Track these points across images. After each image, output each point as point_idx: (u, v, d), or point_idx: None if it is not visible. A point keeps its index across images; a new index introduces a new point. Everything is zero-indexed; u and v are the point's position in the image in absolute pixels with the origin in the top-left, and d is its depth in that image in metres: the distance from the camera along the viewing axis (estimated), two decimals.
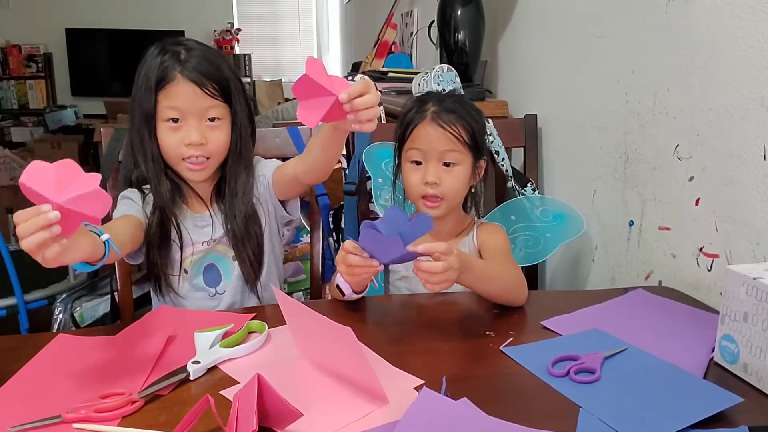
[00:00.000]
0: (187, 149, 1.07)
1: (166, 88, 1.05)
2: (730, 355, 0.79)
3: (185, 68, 1.05)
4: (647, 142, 1.20)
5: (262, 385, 0.64)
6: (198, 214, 1.17)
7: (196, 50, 1.08)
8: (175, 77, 1.05)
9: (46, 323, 1.51)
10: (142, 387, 0.75)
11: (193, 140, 1.06)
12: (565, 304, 1.00)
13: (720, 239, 1.02)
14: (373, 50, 3.14)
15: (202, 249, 1.17)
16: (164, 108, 1.06)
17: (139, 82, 1.08)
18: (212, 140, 1.09)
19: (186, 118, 1.07)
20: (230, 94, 1.10)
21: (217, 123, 1.09)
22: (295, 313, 0.83)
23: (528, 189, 1.51)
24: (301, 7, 7.16)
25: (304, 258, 1.89)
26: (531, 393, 0.76)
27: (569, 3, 1.48)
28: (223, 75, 1.09)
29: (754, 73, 0.94)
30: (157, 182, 1.12)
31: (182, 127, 1.07)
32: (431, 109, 1.11)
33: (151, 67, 1.07)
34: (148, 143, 1.10)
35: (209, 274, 1.18)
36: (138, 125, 1.09)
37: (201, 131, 1.07)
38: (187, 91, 1.05)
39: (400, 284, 1.20)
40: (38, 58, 6.55)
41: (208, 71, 1.07)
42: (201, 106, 1.07)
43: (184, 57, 1.06)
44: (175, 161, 1.10)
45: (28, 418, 0.69)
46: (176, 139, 1.07)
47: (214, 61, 1.09)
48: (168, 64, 1.06)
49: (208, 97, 1.07)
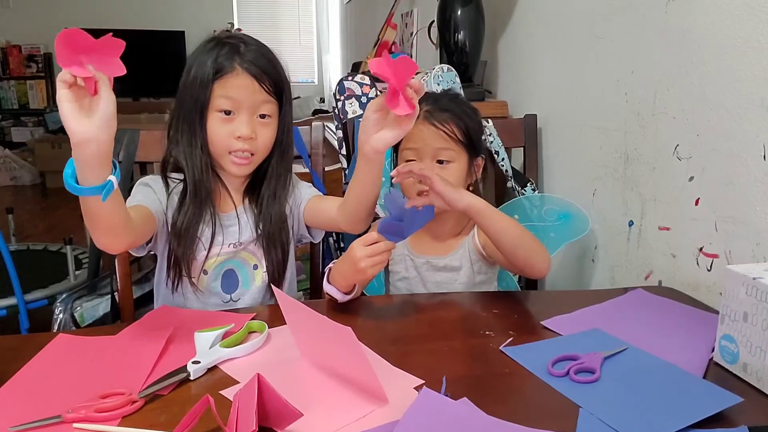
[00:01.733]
0: (236, 142, 1.06)
1: (224, 78, 1.05)
2: (729, 355, 0.79)
3: (244, 60, 1.05)
4: (647, 142, 1.20)
5: (263, 385, 0.64)
6: (224, 213, 1.15)
7: (254, 45, 1.08)
8: (234, 68, 1.05)
9: (46, 323, 1.51)
10: (142, 387, 0.75)
11: (244, 133, 1.06)
12: (565, 304, 1.00)
13: (720, 239, 1.02)
14: (373, 50, 3.14)
15: (228, 251, 1.14)
16: (219, 98, 1.05)
17: (192, 71, 1.07)
18: (261, 136, 1.08)
19: (239, 111, 1.06)
20: (282, 93, 1.11)
21: (267, 120, 1.09)
22: (295, 313, 0.83)
23: (528, 189, 1.51)
24: (301, 7, 7.16)
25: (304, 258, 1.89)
26: (531, 393, 0.76)
27: (569, 3, 1.48)
28: (278, 73, 1.10)
29: (754, 73, 0.94)
30: (203, 172, 1.09)
31: (234, 120, 1.07)
32: (425, 109, 1.12)
33: (207, 57, 1.06)
34: (198, 133, 1.08)
35: (228, 279, 1.16)
36: (188, 114, 1.08)
37: (252, 125, 1.07)
38: (244, 83, 1.05)
39: (400, 285, 1.20)
40: (38, 58, 6.55)
41: (266, 67, 1.07)
42: (255, 100, 1.07)
43: (244, 50, 1.06)
44: (221, 152, 1.09)
45: (28, 418, 0.69)
46: (227, 131, 1.07)
47: (272, 58, 1.10)
48: (227, 55, 1.05)
49: (263, 92, 1.07)
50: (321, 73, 7.22)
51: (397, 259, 1.20)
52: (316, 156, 1.41)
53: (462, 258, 1.17)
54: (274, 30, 7.18)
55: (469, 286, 1.17)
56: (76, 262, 2.42)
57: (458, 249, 1.18)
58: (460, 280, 1.17)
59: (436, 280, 1.18)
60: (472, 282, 1.18)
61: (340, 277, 1.00)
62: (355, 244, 0.96)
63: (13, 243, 3.02)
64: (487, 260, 1.18)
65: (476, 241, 1.17)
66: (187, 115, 1.08)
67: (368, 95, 1.65)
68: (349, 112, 1.62)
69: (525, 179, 1.53)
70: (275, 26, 7.18)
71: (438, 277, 1.18)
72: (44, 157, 5.66)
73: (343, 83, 1.65)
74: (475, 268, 1.18)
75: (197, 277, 1.13)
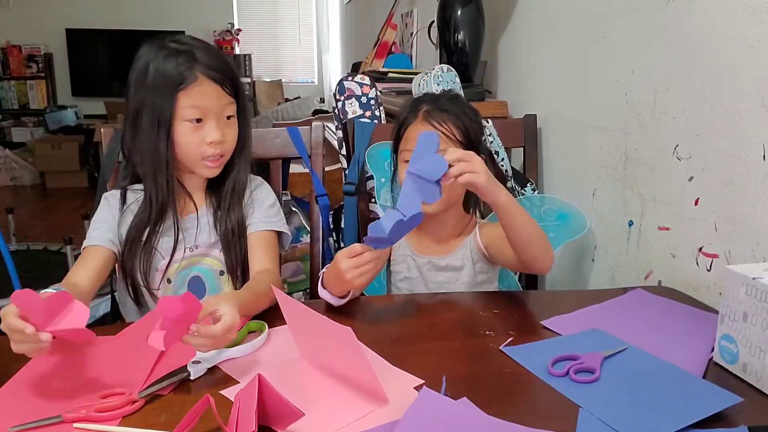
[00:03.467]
0: (208, 148, 1.07)
1: (188, 88, 1.04)
2: (729, 355, 0.79)
3: (205, 68, 1.05)
4: (647, 142, 1.20)
5: (264, 386, 0.64)
6: (183, 216, 1.15)
7: (206, 49, 1.08)
8: (197, 77, 1.05)
9: None
10: (142, 387, 0.75)
11: (215, 138, 1.07)
12: (565, 304, 1.00)
13: (720, 239, 1.02)
14: (373, 50, 3.14)
15: (186, 256, 1.13)
16: (185, 108, 1.05)
17: (150, 80, 1.05)
18: (228, 137, 1.10)
19: (207, 117, 1.07)
20: (239, 91, 1.12)
21: (231, 120, 1.11)
22: (296, 313, 0.83)
23: (528, 189, 1.51)
24: (301, 7, 7.16)
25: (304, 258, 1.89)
26: (531, 393, 0.77)
27: (569, 3, 1.48)
28: (234, 73, 1.11)
29: (754, 73, 0.94)
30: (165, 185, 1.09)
31: (203, 126, 1.07)
32: (424, 109, 1.12)
33: (165, 66, 1.05)
34: (161, 146, 1.07)
35: (193, 287, 1.15)
36: (147, 125, 1.06)
37: (221, 129, 1.08)
38: (209, 91, 1.06)
39: (402, 285, 1.20)
40: (38, 59, 6.56)
41: (225, 70, 1.08)
42: (222, 105, 1.08)
43: (200, 56, 1.06)
44: (194, 160, 1.09)
45: (28, 418, 0.69)
46: (197, 139, 1.07)
47: (225, 59, 1.11)
48: (187, 64, 1.05)
49: (227, 95, 1.08)
50: (321, 73, 7.22)
51: (399, 260, 1.20)
52: (316, 156, 1.41)
53: (464, 258, 1.17)
54: (274, 30, 7.18)
55: (471, 285, 1.17)
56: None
57: (460, 249, 1.18)
58: (462, 279, 1.18)
59: (437, 280, 1.18)
60: (473, 282, 1.18)
61: (330, 285, 1.00)
62: (338, 256, 0.96)
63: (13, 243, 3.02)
64: (489, 260, 1.18)
65: (478, 240, 1.17)
66: (146, 126, 1.07)
67: (368, 95, 1.65)
68: (349, 112, 1.62)
69: (525, 179, 1.53)
70: (275, 26, 7.18)
71: (440, 277, 1.18)
72: (44, 157, 5.66)
73: (343, 83, 1.65)
74: (477, 268, 1.18)
75: (159, 286, 1.13)
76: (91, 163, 5.63)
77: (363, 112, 1.63)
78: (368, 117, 1.63)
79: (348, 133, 1.51)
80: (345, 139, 1.58)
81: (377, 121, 1.63)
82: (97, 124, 5.38)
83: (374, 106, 1.64)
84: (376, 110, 1.65)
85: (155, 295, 1.13)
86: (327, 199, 1.43)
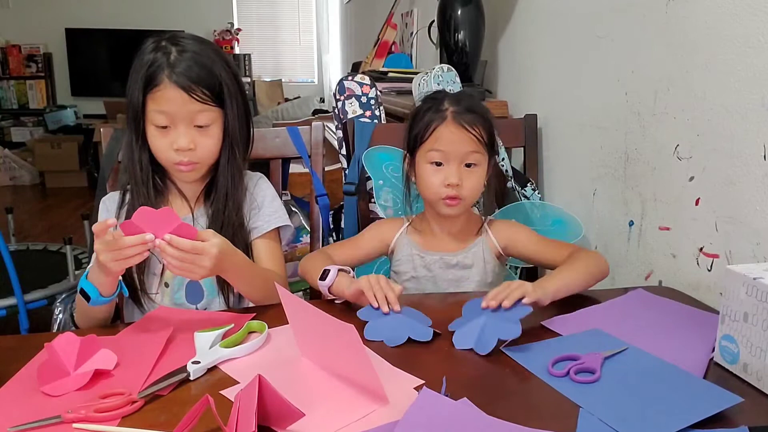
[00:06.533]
0: (176, 154, 1.04)
1: (153, 92, 1.01)
2: (730, 355, 0.79)
3: (173, 72, 1.00)
4: (647, 142, 1.20)
5: (263, 386, 0.64)
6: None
7: (188, 52, 1.03)
8: (162, 81, 1.00)
9: (46, 323, 1.51)
10: (142, 387, 0.75)
11: (181, 146, 1.02)
12: (565, 304, 1.00)
13: (720, 239, 1.02)
14: (373, 50, 3.14)
15: None
16: (151, 112, 1.02)
17: (130, 80, 1.04)
18: (201, 146, 1.05)
19: (174, 123, 1.03)
20: (222, 97, 1.05)
21: (206, 129, 1.05)
22: (298, 311, 0.83)
23: (528, 189, 1.51)
24: (301, 7, 7.16)
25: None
26: (531, 393, 0.76)
27: (569, 3, 1.48)
28: (214, 78, 1.04)
29: (754, 73, 0.94)
30: (143, 188, 1.08)
31: (171, 132, 1.03)
32: (450, 109, 1.09)
33: (142, 64, 1.02)
34: (135, 146, 1.06)
35: (191, 289, 1.13)
36: (130, 121, 1.06)
37: (190, 136, 1.03)
38: (174, 96, 1.01)
39: (409, 285, 1.18)
40: (38, 58, 6.55)
41: (198, 75, 1.02)
42: (190, 112, 1.02)
43: (174, 59, 1.01)
44: (166, 163, 1.07)
45: (28, 418, 0.69)
46: (166, 144, 1.04)
47: (206, 63, 1.03)
48: (157, 65, 1.01)
49: (197, 103, 1.02)
50: (321, 73, 7.22)
51: (404, 260, 1.18)
52: (316, 156, 1.41)
53: (475, 256, 1.16)
54: (274, 30, 7.18)
55: (481, 285, 1.16)
56: (76, 262, 2.42)
57: (472, 246, 1.17)
58: (472, 278, 1.16)
59: (448, 277, 1.17)
60: (484, 281, 1.16)
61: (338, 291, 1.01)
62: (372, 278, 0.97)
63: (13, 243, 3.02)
64: (503, 260, 1.17)
65: (492, 239, 1.17)
66: (129, 123, 1.06)
67: (368, 95, 1.65)
68: (349, 112, 1.62)
69: (525, 179, 1.53)
70: (275, 26, 7.18)
71: (450, 275, 1.17)
72: (44, 157, 5.66)
73: (343, 83, 1.65)
74: (489, 268, 1.17)
75: (157, 290, 1.12)
76: (91, 162, 5.63)
77: (363, 112, 1.63)
78: (368, 117, 1.62)
79: (348, 133, 1.51)
80: (345, 139, 1.58)
81: (377, 121, 1.63)
82: (97, 123, 5.38)
83: (374, 105, 1.64)
84: (376, 110, 1.64)
85: (153, 300, 1.12)
86: (327, 199, 1.43)
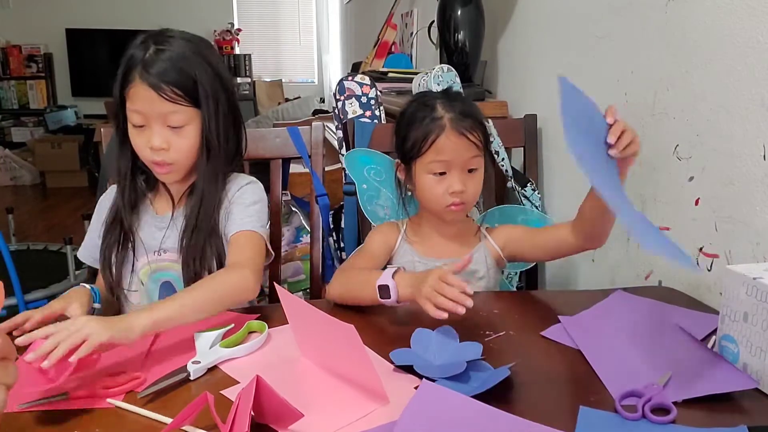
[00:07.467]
0: (151, 153, 1.03)
1: (128, 89, 1.01)
2: (730, 355, 0.79)
3: (145, 70, 0.99)
4: (647, 142, 1.20)
5: (262, 387, 0.64)
6: (160, 215, 1.12)
7: (165, 50, 1.00)
8: (134, 79, 0.99)
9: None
10: (142, 387, 0.75)
11: (155, 145, 1.01)
12: (565, 304, 1.00)
13: (720, 239, 1.02)
14: (373, 50, 3.14)
15: (153, 259, 1.10)
16: (129, 110, 1.02)
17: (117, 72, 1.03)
18: (175, 146, 1.03)
19: (148, 122, 1.01)
20: (198, 98, 1.02)
21: (181, 129, 1.03)
22: (298, 311, 0.83)
23: (528, 189, 1.51)
24: (301, 7, 7.16)
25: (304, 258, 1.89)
26: (531, 393, 0.76)
27: (569, 3, 1.48)
28: (188, 78, 1.01)
29: (754, 73, 0.94)
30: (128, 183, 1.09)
31: (146, 130, 1.02)
32: (447, 117, 1.06)
33: (123, 60, 1.01)
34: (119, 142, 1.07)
35: (166, 291, 1.12)
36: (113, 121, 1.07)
37: (164, 136, 1.02)
38: (144, 95, 0.99)
39: None
40: (38, 59, 6.56)
41: (169, 75, 0.99)
42: (161, 111, 1.00)
43: (148, 57, 0.99)
44: (146, 162, 1.06)
45: (35, 397, 0.71)
46: (142, 142, 1.03)
47: (181, 62, 1.01)
48: (132, 62, 1.00)
49: (167, 102, 1.00)
50: (321, 73, 7.22)
51: (405, 267, 1.18)
52: (316, 156, 1.41)
53: (477, 261, 1.14)
54: (274, 30, 7.18)
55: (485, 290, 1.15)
56: (76, 262, 2.42)
57: (473, 252, 1.14)
58: (475, 283, 1.14)
59: None
60: (487, 287, 1.15)
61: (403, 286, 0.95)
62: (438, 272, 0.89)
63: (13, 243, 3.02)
64: (505, 260, 1.17)
65: (492, 243, 1.16)
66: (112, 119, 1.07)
67: (368, 95, 1.65)
68: (349, 112, 1.62)
69: (525, 179, 1.53)
70: (275, 26, 7.18)
71: None
72: (44, 157, 5.67)
73: (343, 83, 1.65)
74: (491, 273, 1.16)
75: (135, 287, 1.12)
76: (91, 162, 5.63)
77: (363, 112, 1.63)
78: (368, 117, 1.63)
79: (348, 133, 1.51)
80: (345, 139, 1.58)
81: (377, 121, 1.63)
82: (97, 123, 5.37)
83: (374, 106, 1.64)
84: (377, 110, 1.64)
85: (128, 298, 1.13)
86: (327, 199, 1.43)
